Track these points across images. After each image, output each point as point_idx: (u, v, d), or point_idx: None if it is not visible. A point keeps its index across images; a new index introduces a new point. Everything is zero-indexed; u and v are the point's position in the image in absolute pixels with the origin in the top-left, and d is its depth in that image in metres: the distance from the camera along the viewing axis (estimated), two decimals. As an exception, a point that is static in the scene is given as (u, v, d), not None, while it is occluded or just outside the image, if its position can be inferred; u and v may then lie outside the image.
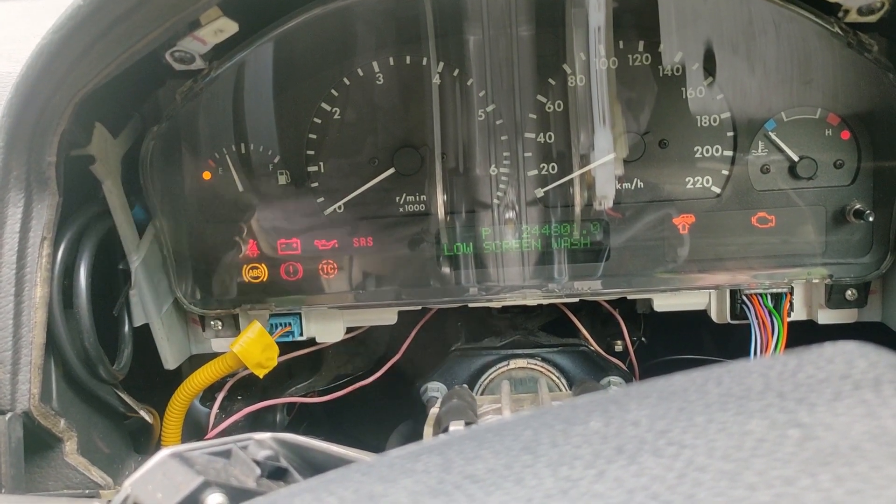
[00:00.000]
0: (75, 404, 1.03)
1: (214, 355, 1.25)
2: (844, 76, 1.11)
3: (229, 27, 0.89)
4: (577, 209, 1.20)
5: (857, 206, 1.15)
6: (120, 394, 1.10)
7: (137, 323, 1.17)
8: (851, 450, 0.33)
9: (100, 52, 0.83)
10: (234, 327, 1.28)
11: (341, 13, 1.10)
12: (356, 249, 1.23)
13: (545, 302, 1.29)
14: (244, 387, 1.38)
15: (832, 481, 0.31)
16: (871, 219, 1.13)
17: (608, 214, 1.20)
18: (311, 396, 1.43)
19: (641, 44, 1.15)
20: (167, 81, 1.15)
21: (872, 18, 0.91)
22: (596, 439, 0.39)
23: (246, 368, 1.28)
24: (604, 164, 1.18)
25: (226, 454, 0.65)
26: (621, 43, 1.15)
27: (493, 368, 1.31)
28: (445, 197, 1.21)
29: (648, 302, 1.29)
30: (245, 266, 1.24)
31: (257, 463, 0.64)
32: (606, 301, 1.37)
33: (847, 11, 0.91)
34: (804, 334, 1.21)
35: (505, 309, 1.42)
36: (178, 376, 1.25)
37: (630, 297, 1.29)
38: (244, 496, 0.55)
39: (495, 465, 0.39)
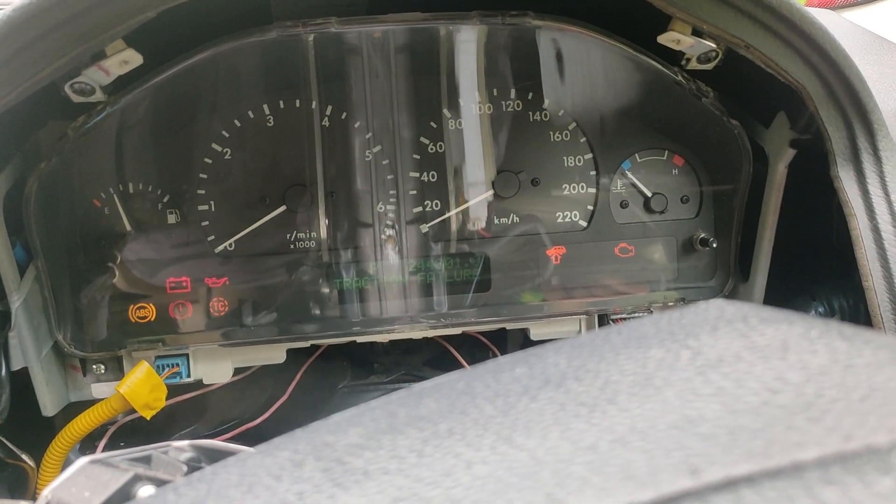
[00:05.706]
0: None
1: (94, 402, 1.22)
2: (687, 121, 1.26)
3: (135, 59, 0.91)
4: (455, 244, 1.29)
5: (702, 235, 1.30)
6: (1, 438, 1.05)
7: (15, 367, 1.12)
8: (734, 357, 0.42)
9: (1, 82, 0.84)
10: (117, 370, 1.25)
11: (232, 57, 1.14)
12: (246, 286, 1.25)
13: (430, 334, 1.34)
14: (127, 434, 1.34)
15: (721, 377, 0.40)
16: (714, 245, 1.28)
17: (480, 234, 1.29)
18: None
19: (513, 91, 1.27)
20: (48, 122, 1.14)
21: (709, 66, 1.06)
22: (524, 377, 0.45)
23: (128, 414, 1.25)
24: (479, 201, 1.29)
25: (146, 460, 0.66)
26: (495, 90, 1.27)
27: (381, 402, 1.34)
28: (331, 234, 1.26)
29: (524, 333, 1.38)
30: (132, 306, 1.22)
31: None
32: (485, 335, 1.45)
33: (689, 60, 1.06)
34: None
35: (390, 348, 1.47)
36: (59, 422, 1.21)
37: (509, 327, 1.37)
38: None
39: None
